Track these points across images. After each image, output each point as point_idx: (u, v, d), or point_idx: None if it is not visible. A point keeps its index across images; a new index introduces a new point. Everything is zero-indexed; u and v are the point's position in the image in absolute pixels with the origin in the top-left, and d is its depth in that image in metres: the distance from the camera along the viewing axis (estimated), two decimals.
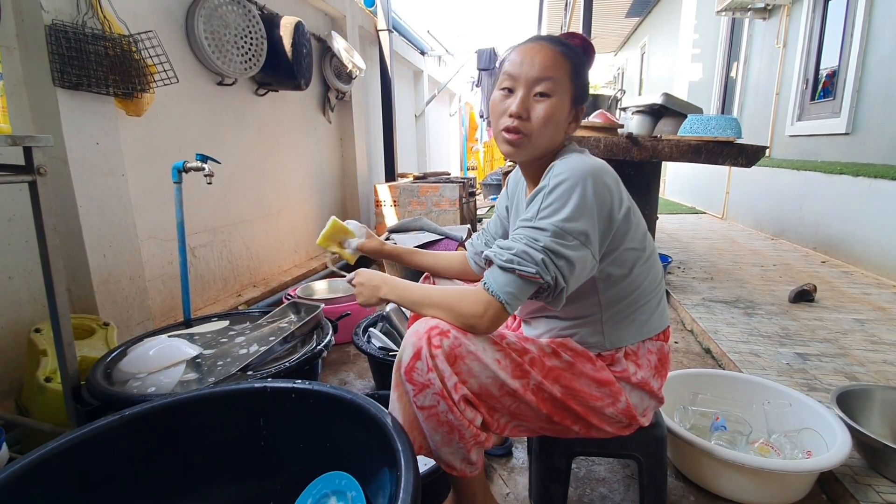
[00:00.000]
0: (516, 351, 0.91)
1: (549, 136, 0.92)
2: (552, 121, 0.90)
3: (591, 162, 0.89)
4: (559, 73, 0.90)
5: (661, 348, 1.00)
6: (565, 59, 0.90)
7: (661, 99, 3.01)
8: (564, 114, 0.92)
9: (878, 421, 1.38)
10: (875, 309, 2.37)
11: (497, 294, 0.84)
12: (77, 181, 1.70)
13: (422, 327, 0.89)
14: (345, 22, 4.04)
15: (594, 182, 0.84)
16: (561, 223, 0.82)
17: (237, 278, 2.81)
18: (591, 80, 1.06)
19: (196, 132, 2.45)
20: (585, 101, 0.97)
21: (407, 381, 0.88)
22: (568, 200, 0.83)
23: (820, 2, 4.00)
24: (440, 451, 0.92)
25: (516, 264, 0.83)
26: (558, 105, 0.90)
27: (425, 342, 0.86)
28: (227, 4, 2.39)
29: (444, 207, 3.97)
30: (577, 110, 0.96)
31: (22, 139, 1.02)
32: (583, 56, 0.96)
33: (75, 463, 0.85)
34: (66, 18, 1.62)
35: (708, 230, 4.77)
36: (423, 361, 0.86)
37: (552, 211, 0.84)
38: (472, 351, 0.88)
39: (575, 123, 0.97)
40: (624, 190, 0.93)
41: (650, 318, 0.98)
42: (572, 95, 0.92)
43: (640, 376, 0.96)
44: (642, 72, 10.23)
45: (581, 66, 0.94)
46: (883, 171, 2.90)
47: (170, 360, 1.38)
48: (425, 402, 0.88)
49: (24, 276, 1.67)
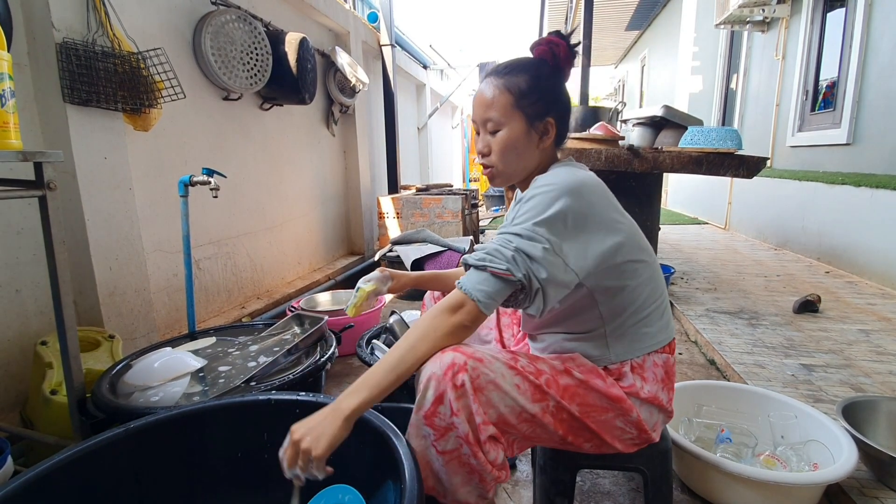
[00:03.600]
0: (532, 373, 0.89)
1: (515, 160, 0.98)
2: (509, 149, 0.96)
3: (573, 176, 0.90)
4: (499, 109, 0.95)
5: (667, 360, 0.99)
6: (503, 92, 0.95)
7: (662, 111, 3.04)
8: (521, 138, 0.96)
9: (885, 433, 1.37)
10: (880, 319, 2.35)
11: (470, 292, 0.85)
12: (85, 195, 1.72)
13: (438, 368, 0.84)
14: (348, 37, 4.10)
15: (572, 195, 0.87)
16: (532, 227, 0.85)
17: (241, 290, 2.83)
18: (573, 81, 1.06)
19: (202, 146, 2.48)
20: (551, 110, 0.96)
21: (427, 425, 0.85)
22: (542, 209, 0.86)
23: (818, 14, 4.04)
24: (457, 491, 0.88)
25: (488, 262, 0.85)
26: (510, 134, 0.95)
27: (449, 384, 0.82)
28: (234, 21, 2.44)
29: (446, 219, 3.99)
30: (544, 124, 0.97)
31: (33, 155, 1.04)
32: (540, 68, 0.97)
33: (80, 475, 0.85)
34: (76, 36, 1.66)
35: (711, 241, 4.76)
36: (445, 406, 0.83)
37: (526, 218, 0.86)
38: (491, 380, 0.85)
39: (549, 137, 0.98)
40: (612, 203, 0.94)
41: (654, 330, 0.97)
42: (525, 117, 0.95)
43: (648, 391, 0.95)
44: (643, 84, 10.31)
45: (530, 85, 0.95)
46: (885, 182, 2.90)
47: (174, 373, 1.39)
48: (447, 446, 0.85)
49: (31, 289, 1.69)
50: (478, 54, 20.34)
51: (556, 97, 0.98)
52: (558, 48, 0.96)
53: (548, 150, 1.00)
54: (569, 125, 1.02)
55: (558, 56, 0.96)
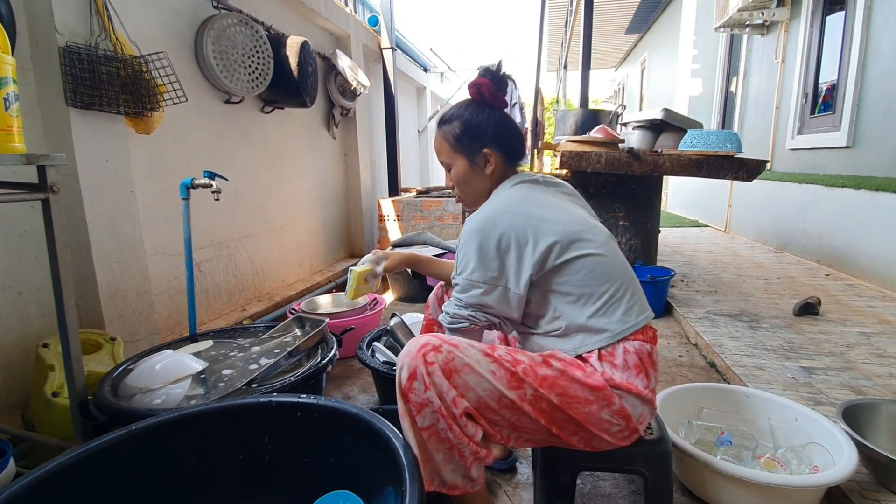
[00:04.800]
0: (509, 362, 0.94)
1: (470, 190, 1.17)
2: (462, 182, 1.16)
3: (487, 211, 1.04)
4: (444, 153, 1.16)
5: (641, 348, 0.99)
6: (443, 140, 1.16)
7: (662, 114, 3.04)
8: (467, 171, 1.14)
9: (885, 435, 1.37)
10: (880, 322, 2.35)
11: None
12: (87, 198, 1.73)
13: (413, 346, 0.92)
14: (349, 41, 4.12)
15: (483, 232, 1.00)
16: (467, 278, 1.01)
17: (242, 292, 2.83)
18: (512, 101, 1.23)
19: (203, 149, 2.49)
20: (486, 143, 1.11)
21: (406, 401, 0.91)
22: (467, 257, 1.02)
23: (818, 17, 4.05)
24: (442, 470, 0.93)
25: (456, 325, 1.04)
26: (458, 169, 1.15)
27: (420, 360, 0.90)
28: (236, 25, 2.45)
29: (447, 222, 3.99)
30: (483, 156, 1.12)
31: (37, 158, 1.05)
32: (469, 108, 1.13)
33: (82, 478, 0.85)
34: (79, 40, 1.67)
35: (711, 243, 4.77)
36: (419, 381, 0.89)
37: (460, 269, 1.04)
38: (466, 363, 0.91)
39: (491, 164, 1.13)
40: (533, 214, 1.01)
41: (615, 318, 0.98)
42: (464, 156, 1.13)
43: (620, 377, 0.96)
44: (643, 87, 10.33)
45: (462, 129, 1.12)
46: (885, 184, 2.91)
47: (176, 375, 1.39)
48: (425, 421, 0.90)
49: (33, 291, 1.70)
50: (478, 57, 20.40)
51: (485, 130, 1.12)
52: (482, 87, 1.12)
53: (496, 173, 1.14)
54: (513, 144, 1.15)
55: (483, 93, 1.12)
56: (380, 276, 1.39)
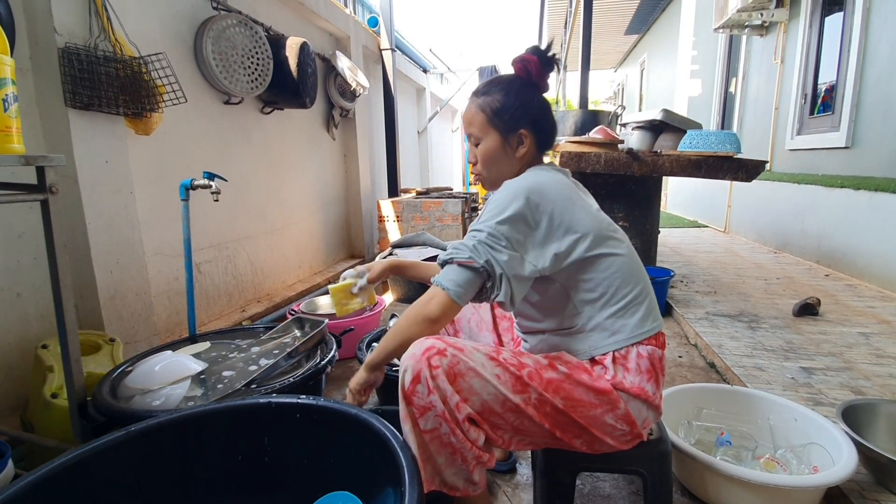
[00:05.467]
0: (514, 366, 0.93)
1: (496, 169, 1.09)
2: (489, 159, 1.09)
3: (534, 178, 0.99)
4: (477, 125, 1.08)
5: (653, 353, 0.99)
6: (479, 111, 1.07)
7: (661, 115, 3.04)
8: (498, 149, 1.07)
9: (885, 436, 1.37)
10: (880, 322, 2.36)
11: (440, 282, 0.95)
12: (86, 199, 1.73)
13: (418, 349, 0.90)
14: (349, 42, 4.12)
15: (529, 195, 0.95)
16: (493, 225, 0.94)
17: (241, 294, 2.83)
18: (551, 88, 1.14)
19: (203, 150, 2.49)
20: (524, 123, 1.05)
21: (408, 404, 0.90)
22: (501, 209, 0.95)
23: (816, 18, 4.06)
24: (444, 472, 0.92)
25: (453, 254, 0.95)
26: (488, 146, 1.08)
27: (425, 364, 0.88)
28: (235, 26, 2.45)
29: (446, 222, 3.99)
30: (518, 136, 1.06)
31: (35, 159, 1.05)
32: (513, 84, 1.06)
33: (81, 479, 0.85)
34: (78, 41, 1.67)
35: (710, 244, 4.77)
36: (423, 384, 0.88)
37: (488, 217, 0.96)
38: (471, 367, 0.90)
39: (524, 146, 1.06)
40: (573, 201, 0.98)
41: (633, 321, 0.98)
42: (499, 132, 1.06)
43: (631, 381, 0.96)
44: (642, 87, 10.34)
45: (502, 103, 1.05)
46: (884, 185, 2.91)
47: (175, 376, 1.39)
48: (427, 425, 0.89)
49: (32, 292, 1.69)
50: (477, 58, 20.45)
51: (528, 110, 1.06)
52: (530, 64, 1.05)
53: (527, 157, 1.08)
54: (550, 131, 1.10)
55: (531, 71, 1.06)
56: (368, 287, 1.35)
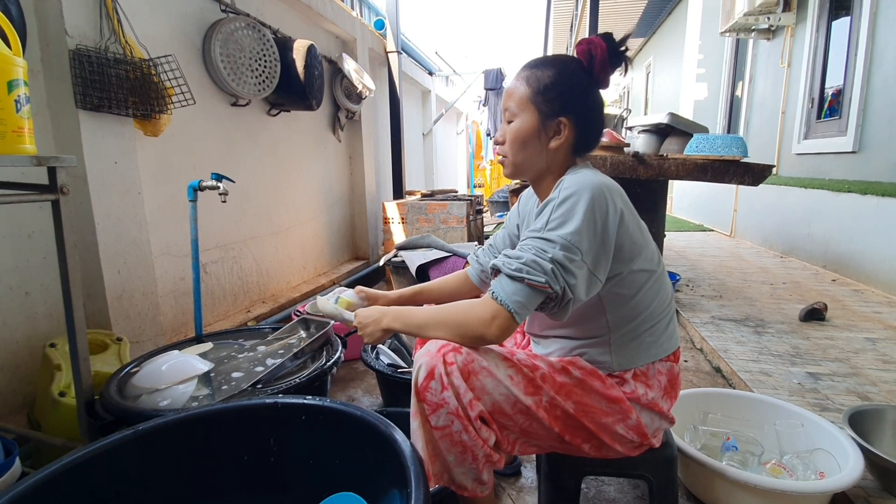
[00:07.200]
0: (527, 367, 0.92)
1: (522, 154, 0.97)
2: (517, 141, 0.96)
3: (599, 178, 0.90)
4: (516, 99, 0.96)
5: (671, 369, 0.99)
6: (523, 84, 0.96)
7: (667, 118, 3.04)
8: (530, 132, 0.95)
9: (891, 442, 1.36)
10: (887, 328, 2.34)
11: (505, 303, 0.84)
12: (95, 199, 1.75)
13: (433, 346, 0.90)
14: (355, 44, 4.14)
15: (600, 198, 0.86)
16: (569, 236, 0.83)
17: (247, 294, 2.84)
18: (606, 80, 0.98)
19: (210, 151, 2.50)
20: (567, 111, 0.93)
21: (420, 400, 0.89)
22: (575, 214, 0.84)
23: (823, 22, 4.04)
24: (453, 470, 0.92)
25: (525, 273, 0.82)
26: (520, 126, 0.96)
27: (440, 360, 0.87)
28: (243, 29, 2.47)
29: (451, 225, 4.00)
30: (556, 123, 0.94)
31: (47, 160, 1.06)
32: (569, 66, 0.95)
33: (88, 478, 0.86)
34: (89, 43, 1.69)
35: (716, 248, 4.75)
36: (437, 380, 0.87)
37: (559, 223, 0.85)
38: (485, 367, 0.89)
39: (560, 138, 0.95)
40: (632, 210, 0.94)
41: (660, 340, 0.97)
42: (538, 112, 0.94)
43: (650, 397, 0.96)
44: (648, 91, 10.32)
45: (551, 82, 0.93)
46: (891, 190, 2.89)
47: (182, 376, 1.40)
48: (439, 421, 0.88)
49: (41, 291, 1.71)
50: (483, 61, 20.51)
51: (577, 99, 0.94)
52: (596, 49, 0.93)
53: (560, 153, 0.97)
54: (594, 132, 0.98)
55: (595, 57, 0.93)
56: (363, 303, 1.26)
